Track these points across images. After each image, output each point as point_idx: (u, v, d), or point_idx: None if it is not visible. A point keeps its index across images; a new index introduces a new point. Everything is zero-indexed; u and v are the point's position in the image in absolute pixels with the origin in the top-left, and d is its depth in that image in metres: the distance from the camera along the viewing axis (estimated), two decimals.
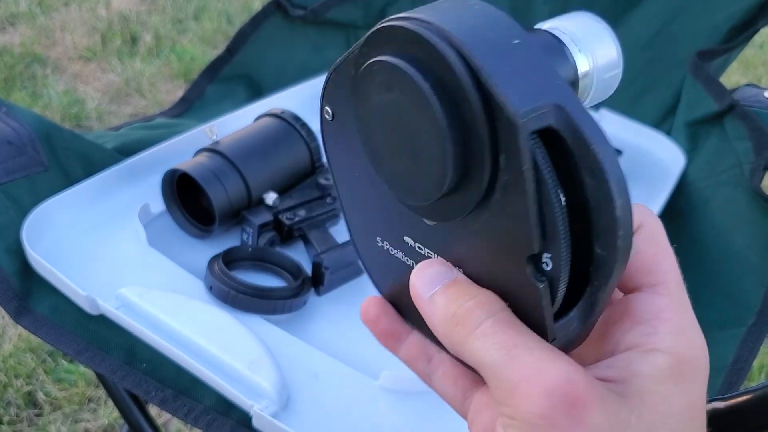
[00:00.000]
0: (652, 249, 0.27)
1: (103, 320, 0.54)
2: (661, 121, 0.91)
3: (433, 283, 0.27)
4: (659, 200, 0.76)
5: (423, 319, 0.27)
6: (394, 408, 0.50)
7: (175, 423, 1.12)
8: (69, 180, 0.63)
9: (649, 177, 0.81)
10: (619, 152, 0.82)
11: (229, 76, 0.90)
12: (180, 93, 2.22)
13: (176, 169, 0.62)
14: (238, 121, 0.76)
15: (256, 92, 0.92)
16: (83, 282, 0.53)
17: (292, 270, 0.60)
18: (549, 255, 0.24)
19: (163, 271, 0.58)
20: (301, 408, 0.49)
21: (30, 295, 0.55)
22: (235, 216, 0.63)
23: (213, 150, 0.64)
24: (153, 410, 0.72)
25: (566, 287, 0.25)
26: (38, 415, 1.11)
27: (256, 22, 0.91)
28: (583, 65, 0.28)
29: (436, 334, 0.27)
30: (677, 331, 0.26)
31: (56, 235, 0.59)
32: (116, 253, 0.59)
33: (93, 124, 1.97)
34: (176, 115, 0.85)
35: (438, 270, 0.27)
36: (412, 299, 0.27)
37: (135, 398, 0.63)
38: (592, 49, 0.28)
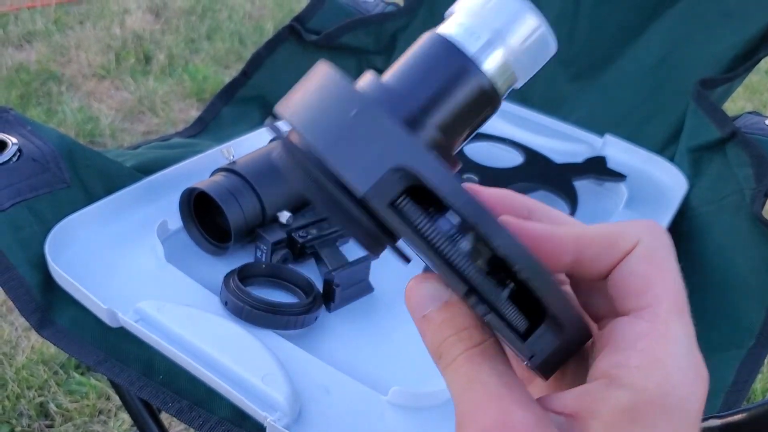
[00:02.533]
0: (644, 269, 0.25)
1: (121, 332, 0.56)
2: (665, 147, 0.93)
3: (426, 301, 0.27)
4: (662, 224, 0.77)
5: None
6: (403, 423, 0.52)
7: None
8: (90, 197, 0.65)
9: (653, 201, 0.83)
10: (623, 177, 0.84)
11: (244, 98, 0.93)
12: (193, 112, 2.26)
13: (194, 188, 0.65)
14: (253, 143, 0.79)
15: (270, 114, 0.95)
16: (103, 295, 0.56)
17: (304, 287, 0.62)
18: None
19: (180, 286, 0.60)
20: (313, 421, 0.51)
21: (51, 307, 0.57)
22: (250, 233, 0.66)
23: (230, 170, 0.66)
24: (165, 420, 0.74)
25: (517, 307, 0.24)
26: (49, 426, 1.13)
27: (271, 46, 0.93)
28: (490, 59, 0.26)
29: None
30: (650, 364, 0.23)
31: (77, 250, 0.61)
32: (135, 268, 0.61)
33: (107, 141, 2.01)
34: (192, 135, 0.88)
35: (433, 288, 0.27)
36: (407, 308, 0.28)
37: (149, 409, 0.65)
38: (498, 28, 0.25)
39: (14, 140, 0.62)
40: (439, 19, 0.27)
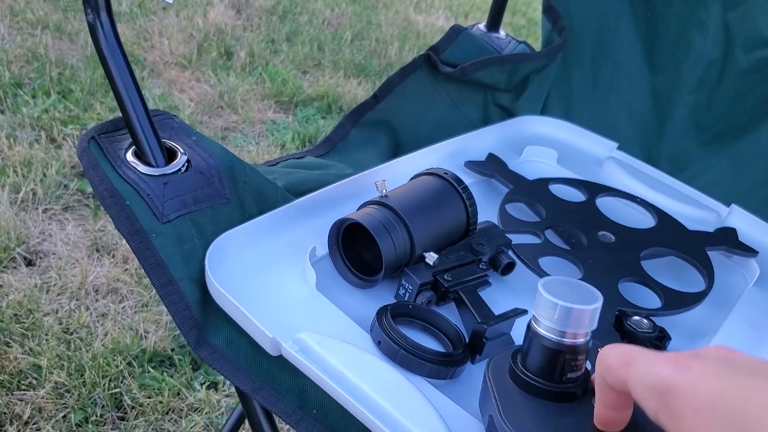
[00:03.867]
0: None
1: (274, 359, 0.55)
2: None
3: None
4: None
5: None
6: None
7: None
8: (244, 214, 0.64)
9: None
10: (755, 252, 0.81)
11: (371, 122, 0.92)
12: (270, 113, 2.27)
13: (346, 219, 0.64)
14: (388, 173, 0.78)
15: (395, 141, 0.94)
16: (260, 321, 0.55)
17: (452, 336, 0.61)
18: None
19: (331, 317, 0.60)
20: None
21: (207, 325, 0.57)
22: (396, 270, 0.65)
23: (383, 204, 0.65)
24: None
25: None
26: (121, 419, 1.13)
27: (405, 73, 0.93)
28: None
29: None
30: None
31: (232, 268, 0.61)
32: (286, 294, 0.61)
33: None
34: (322, 155, 0.87)
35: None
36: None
37: (271, 421, 0.64)
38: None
39: (182, 150, 0.62)
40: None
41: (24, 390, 1.14)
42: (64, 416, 1.11)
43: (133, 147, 0.61)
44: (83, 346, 1.23)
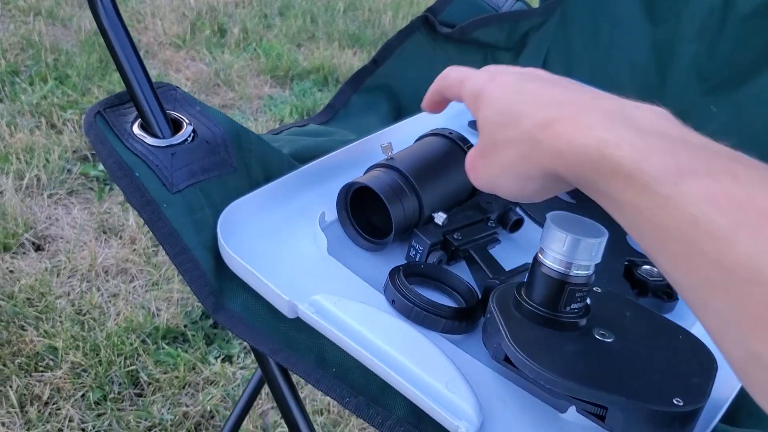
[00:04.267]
0: None
1: (290, 322, 0.56)
2: None
3: None
4: None
5: None
6: None
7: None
8: (251, 182, 0.65)
9: None
10: None
11: (372, 87, 0.92)
12: (266, 88, 2.27)
13: (354, 183, 0.64)
14: (392, 136, 0.78)
15: (396, 105, 0.94)
16: (275, 285, 0.55)
17: (464, 292, 0.62)
18: None
19: (343, 279, 0.60)
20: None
21: (223, 292, 0.57)
22: (406, 232, 0.65)
23: (390, 166, 0.66)
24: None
25: None
26: (139, 395, 1.14)
27: (403, 35, 0.92)
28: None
29: None
30: None
31: (244, 235, 0.61)
32: (298, 258, 0.61)
33: None
34: (324, 122, 0.87)
35: None
36: None
37: (288, 382, 0.64)
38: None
39: (187, 120, 0.62)
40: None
41: (42, 371, 1.15)
42: (83, 395, 1.12)
43: (139, 120, 0.61)
44: (97, 326, 1.24)
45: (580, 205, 0.76)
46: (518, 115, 0.42)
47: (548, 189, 0.44)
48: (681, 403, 0.48)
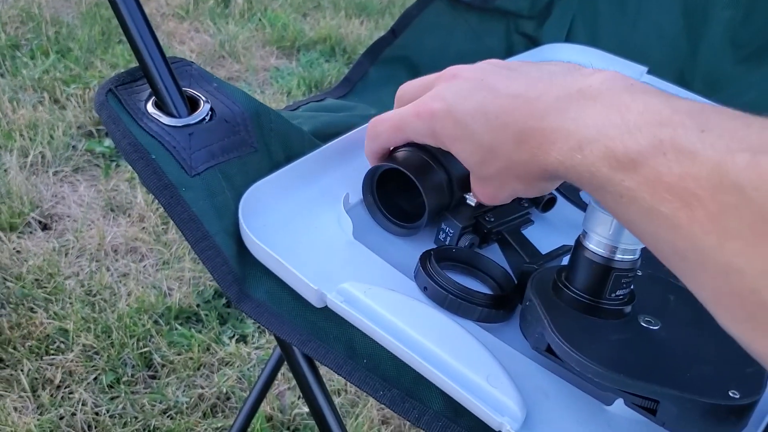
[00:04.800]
0: None
1: (318, 311, 0.53)
2: None
3: None
4: None
5: None
6: None
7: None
8: (272, 162, 0.61)
9: None
10: None
11: (390, 58, 0.88)
12: (273, 60, 2.22)
13: (382, 165, 0.61)
14: None
15: (415, 76, 0.90)
16: (301, 272, 0.52)
17: (500, 278, 0.59)
18: None
19: (372, 265, 0.57)
20: (538, 427, 0.47)
21: (246, 279, 0.54)
22: (438, 215, 0.62)
23: (416, 145, 0.62)
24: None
25: None
26: (153, 377, 1.12)
27: (422, 4, 0.88)
28: None
29: None
30: None
31: (266, 220, 0.58)
32: (323, 243, 0.58)
33: None
34: (341, 96, 0.84)
35: None
36: None
37: (314, 371, 0.62)
38: None
39: (204, 98, 0.59)
40: None
41: (53, 354, 1.13)
42: (95, 378, 1.10)
43: (153, 98, 0.58)
44: (108, 307, 1.21)
45: None
46: (490, 147, 0.43)
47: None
48: (737, 396, 0.45)
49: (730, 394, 0.46)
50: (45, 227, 1.41)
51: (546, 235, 0.65)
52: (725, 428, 0.47)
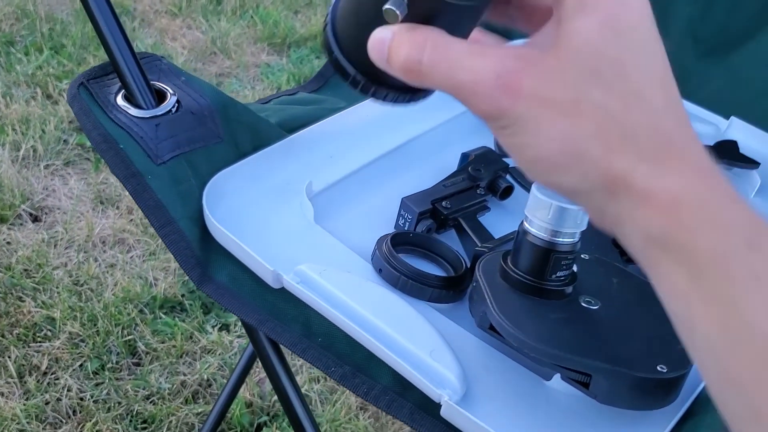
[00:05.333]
0: None
1: (277, 292, 0.56)
2: None
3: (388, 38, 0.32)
4: None
5: None
6: (568, 408, 0.51)
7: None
8: (239, 151, 0.64)
9: None
10: (756, 164, 0.81)
11: None
12: (264, 56, 2.25)
13: None
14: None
15: None
16: (261, 255, 0.55)
17: (453, 261, 0.61)
18: None
19: (331, 248, 0.60)
20: (478, 400, 0.50)
21: (209, 263, 0.57)
22: None
23: None
24: None
25: None
26: (137, 365, 1.15)
27: None
28: None
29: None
30: None
31: (230, 206, 0.61)
32: (284, 228, 0.61)
33: None
34: (314, 90, 0.86)
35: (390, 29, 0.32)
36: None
37: (278, 353, 0.64)
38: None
39: (171, 91, 0.62)
40: None
41: (40, 342, 1.16)
42: (81, 365, 1.13)
43: (123, 91, 0.61)
44: (94, 296, 1.24)
45: None
46: (581, 156, 0.29)
47: None
48: (665, 370, 0.49)
49: (658, 369, 0.49)
50: (35, 219, 1.44)
51: (502, 221, 0.68)
52: (654, 401, 0.50)
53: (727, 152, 0.82)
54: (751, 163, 0.81)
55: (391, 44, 0.31)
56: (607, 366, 0.48)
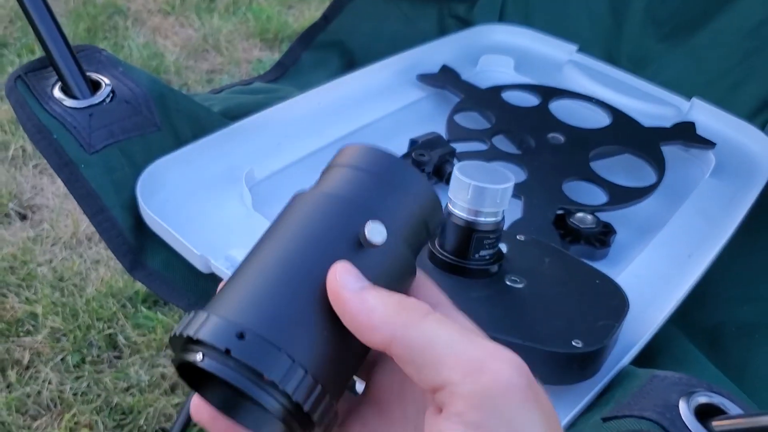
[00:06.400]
0: None
1: (210, 278, 0.57)
2: (756, 114, 0.89)
3: (358, 280, 0.28)
4: (750, 195, 0.75)
5: None
6: None
7: None
8: (179, 140, 0.65)
9: (742, 171, 0.80)
10: (712, 144, 0.81)
11: (323, 44, 0.92)
12: (256, 52, 2.25)
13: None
14: (338, 91, 0.78)
15: (349, 61, 0.93)
16: (194, 241, 0.56)
17: None
18: None
19: None
20: None
21: (143, 250, 0.58)
22: None
23: None
24: None
25: None
26: (117, 358, 1.16)
27: None
28: None
29: (367, 321, 0.27)
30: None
31: (167, 194, 0.62)
32: (222, 215, 0.62)
33: (171, 78, 2.02)
34: (272, 80, 0.87)
35: (357, 272, 0.28)
36: (333, 293, 0.28)
37: None
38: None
39: (107, 81, 0.62)
40: None
41: (22, 337, 1.17)
42: (62, 359, 1.14)
43: (60, 83, 0.62)
44: (76, 291, 1.26)
45: (520, 156, 0.75)
46: None
47: None
48: (579, 345, 0.49)
49: (573, 344, 0.49)
50: (23, 217, 1.46)
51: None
52: (569, 375, 0.50)
53: (684, 133, 0.82)
54: (707, 144, 0.81)
55: None
56: (519, 341, 0.48)
